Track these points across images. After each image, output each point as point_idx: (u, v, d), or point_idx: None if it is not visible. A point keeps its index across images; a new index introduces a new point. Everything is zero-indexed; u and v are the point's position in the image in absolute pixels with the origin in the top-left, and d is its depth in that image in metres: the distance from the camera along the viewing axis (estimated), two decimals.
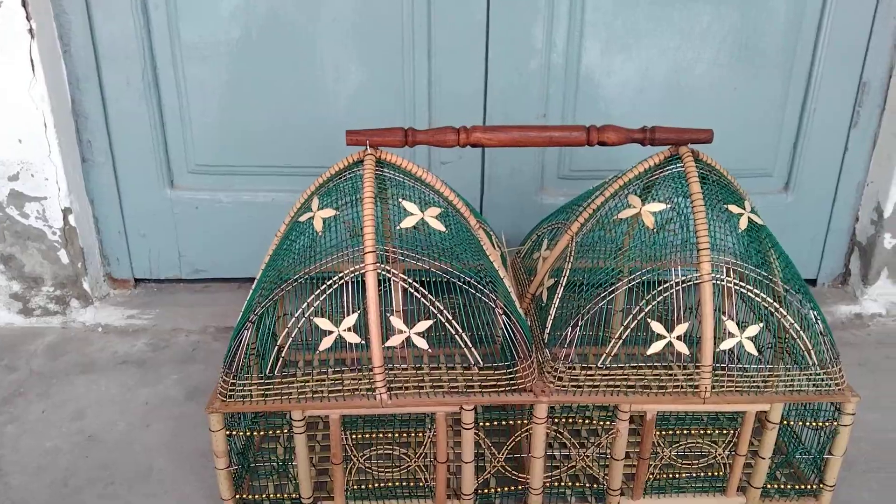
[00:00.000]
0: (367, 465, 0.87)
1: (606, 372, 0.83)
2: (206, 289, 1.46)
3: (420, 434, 0.94)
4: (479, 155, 1.31)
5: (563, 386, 0.83)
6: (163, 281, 1.46)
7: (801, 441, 0.96)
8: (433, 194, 0.90)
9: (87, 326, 1.35)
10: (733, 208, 0.88)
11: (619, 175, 0.94)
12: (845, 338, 1.34)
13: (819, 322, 0.86)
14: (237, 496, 0.89)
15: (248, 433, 0.96)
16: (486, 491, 0.91)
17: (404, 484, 0.90)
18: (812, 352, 0.85)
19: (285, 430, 0.90)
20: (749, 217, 0.88)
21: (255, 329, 0.85)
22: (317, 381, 0.82)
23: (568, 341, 0.84)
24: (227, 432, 0.85)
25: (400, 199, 0.87)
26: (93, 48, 1.24)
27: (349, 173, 0.89)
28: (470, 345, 0.82)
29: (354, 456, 0.87)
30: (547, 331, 0.88)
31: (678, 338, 0.83)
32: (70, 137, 1.28)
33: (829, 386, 0.84)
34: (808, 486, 0.92)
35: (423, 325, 0.81)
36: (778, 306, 0.84)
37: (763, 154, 1.34)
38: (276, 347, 0.85)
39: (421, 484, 0.89)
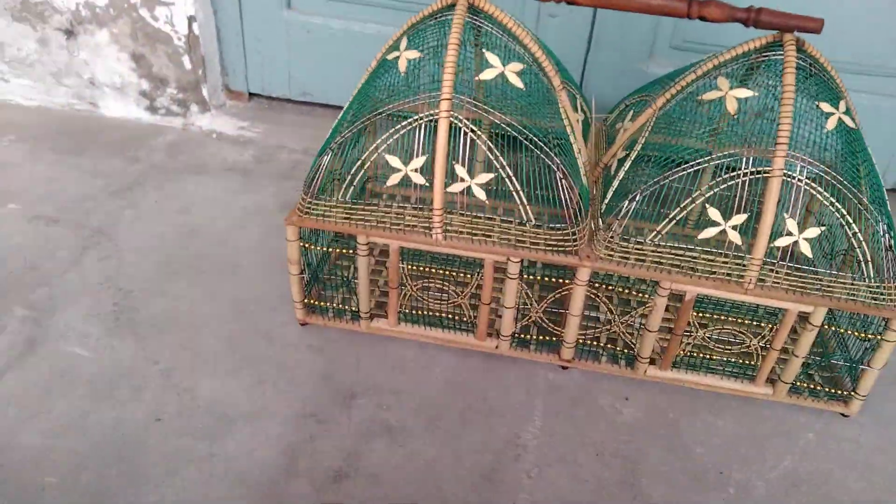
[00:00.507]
0: (419, 294, 0.96)
1: (654, 248, 0.86)
2: (312, 112, 1.55)
3: (471, 276, 1.01)
4: (590, 13, 1.27)
5: (610, 255, 0.87)
6: (273, 99, 1.56)
7: (847, 347, 0.96)
8: (520, 49, 0.91)
9: (204, 131, 1.48)
10: (825, 106, 0.84)
11: (717, 54, 0.90)
12: None
13: (888, 236, 0.84)
14: (306, 300, 1.00)
15: (326, 249, 1.06)
16: (525, 336, 0.98)
17: (451, 317, 0.98)
18: (870, 263, 0.83)
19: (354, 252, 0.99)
20: (840, 118, 0.84)
21: (337, 156, 0.92)
22: (382, 211, 0.89)
23: (623, 213, 0.86)
24: (303, 244, 0.95)
25: (484, 50, 0.89)
26: None
27: (441, 16, 0.90)
28: (525, 202, 0.86)
29: (409, 284, 0.96)
30: (606, 200, 0.91)
31: (734, 227, 0.83)
32: None
33: (879, 300, 0.84)
34: (840, 392, 0.94)
35: (485, 178, 0.86)
36: (845, 212, 0.83)
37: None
38: (350, 175, 0.92)
39: (465, 319, 0.98)
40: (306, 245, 0.96)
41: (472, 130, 0.86)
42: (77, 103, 1.51)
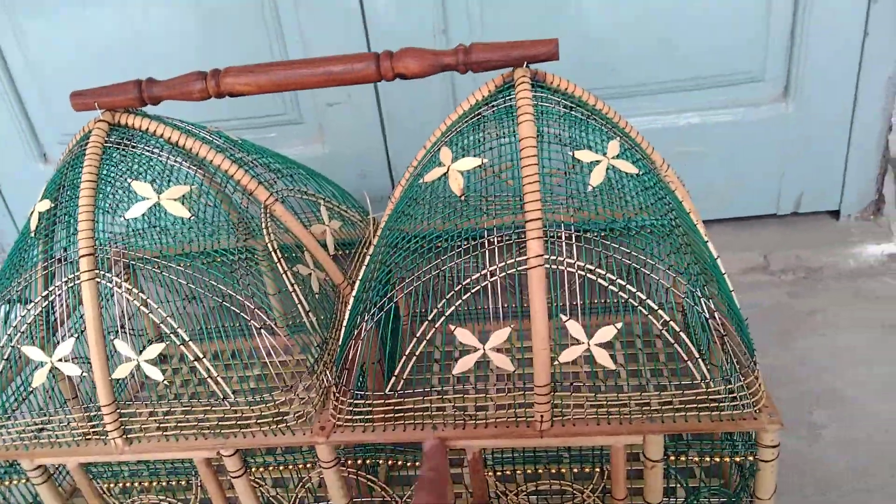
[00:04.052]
0: None
1: (400, 400, 0.60)
2: None
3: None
4: (371, 91, 1.06)
5: (349, 420, 0.61)
6: None
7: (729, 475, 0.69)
8: (188, 165, 0.68)
9: None
10: (583, 155, 0.60)
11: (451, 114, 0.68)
12: (869, 290, 1.01)
13: (718, 315, 0.58)
14: None
15: None
16: None
17: None
18: (700, 360, 0.57)
19: None
20: (611, 164, 0.60)
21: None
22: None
23: (349, 358, 0.62)
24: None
25: (131, 181, 0.66)
26: None
27: (78, 149, 0.68)
28: (217, 377, 0.62)
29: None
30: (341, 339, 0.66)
31: (496, 349, 0.58)
32: None
33: (725, 409, 0.57)
34: None
35: (156, 349, 0.62)
36: (644, 297, 0.57)
37: (748, 51, 1.00)
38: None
39: None
40: None
41: (128, 289, 0.62)
42: None
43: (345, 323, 0.64)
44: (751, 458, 0.60)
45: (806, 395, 0.85)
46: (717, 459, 0.64)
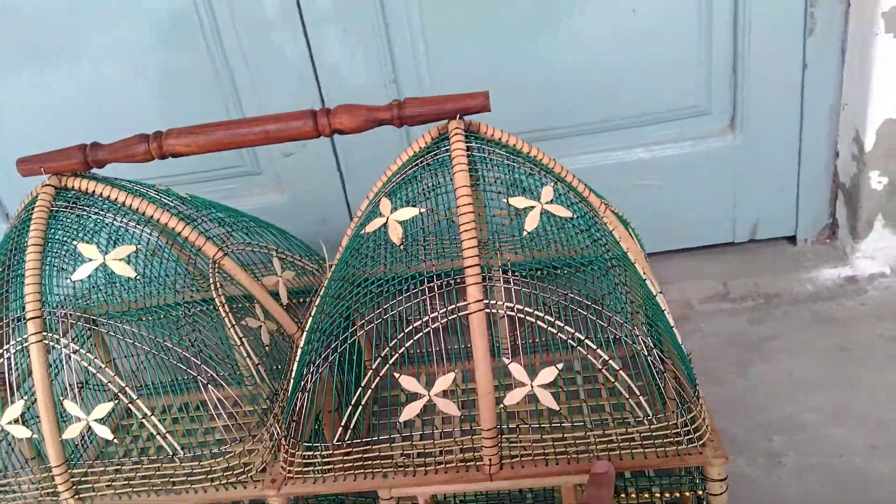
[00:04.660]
0: None
1: (349, 450, 0.61)
2: None
3: None
4: (327, 143, 1.07)
5: (300, 472, 0.61)
6: None
7: None
8: (135, 226, 0.69)
9: None
10: (517, 201, 0.62)
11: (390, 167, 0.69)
12: (829, 312, 1.03)
13: (656, 352, 0.59)
14: None
15: None
16: None
17: None
18: (639, 396, 0.58)
19: None
20: (545, 209, 0.62)
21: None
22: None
23: (297, 410, 0.62)
24: None
25: (76, 243, 0.67)
26: None
27: (25, 213, 0.69)
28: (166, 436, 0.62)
29: None
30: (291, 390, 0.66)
31: (441, 395, 0.59)
32: None
33: (668, 444, 0.58)
34: None
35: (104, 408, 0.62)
36: (583, 337, 0.58)
37: (691, 86, 1.03)
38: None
39: None
40: None
41: (75, 350, 0.63)
42: None
43: (292, 375, 0.65)
44: (698, 493, 0.61)
45: (764, 423, 0.86)
46: (677, 494, 0.65)
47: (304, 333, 0.65)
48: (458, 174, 0.61)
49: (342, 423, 0.60)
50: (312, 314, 0.66)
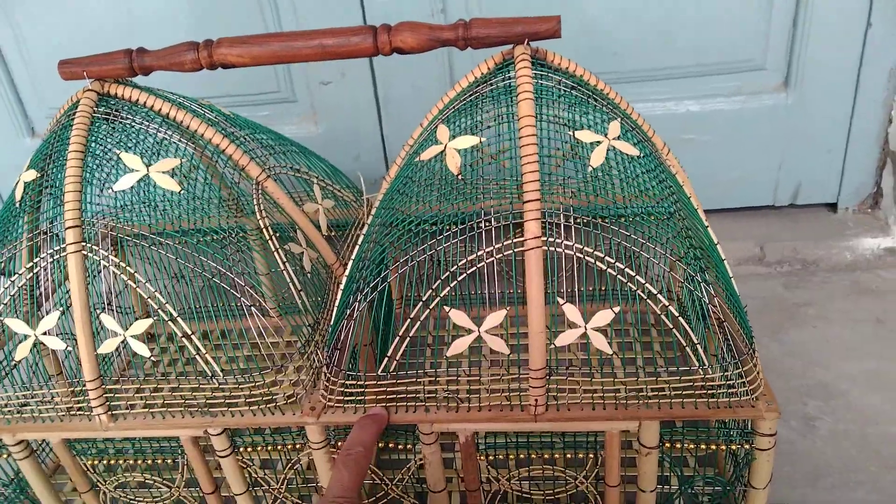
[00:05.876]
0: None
1: (392, 381, 0.59)
2: None
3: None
4: (367, 70, 1.04)
5: (339, 401, 0.60)
6: None
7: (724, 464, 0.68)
8: (180, 138, 0.66)
9: None
10: (584, 135, 0.59)
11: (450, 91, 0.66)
12: (867, 282, 1.01)
13: (718, 301, 0.57)
14: None
15: None
16: None
17: None
18: (698, 346, 0.56)
19: None
20: (612, 145, 0.59)
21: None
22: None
23: (341, 338, 0.60)
24: None
25: (119, 152, 0.64)
26: None
27: (65, 119, 0.66)
28: (208, 357, 0.60)
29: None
30: (333, 320, 0.65)
31: (490, 332, 0.57)
32: None
33: (722, 396, 0.57)
34: None
35: (143, 325, 0.60)
36: (643, 281, 0.56)
37: (749, 39, 0.99)
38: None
39: None
40: None
41: (116, 264, 0.61)
42: None
43: (337, 303, 0.63)
44: (746, 446, 0.59)
45: (799, 387, 0.85)
46: (713, 447, 0.63)
47: (351, 262, 0.63)
48: (523, 104, 0.58)
49: (388, 354, 0.58)
50: (360, 242, 0.64)
